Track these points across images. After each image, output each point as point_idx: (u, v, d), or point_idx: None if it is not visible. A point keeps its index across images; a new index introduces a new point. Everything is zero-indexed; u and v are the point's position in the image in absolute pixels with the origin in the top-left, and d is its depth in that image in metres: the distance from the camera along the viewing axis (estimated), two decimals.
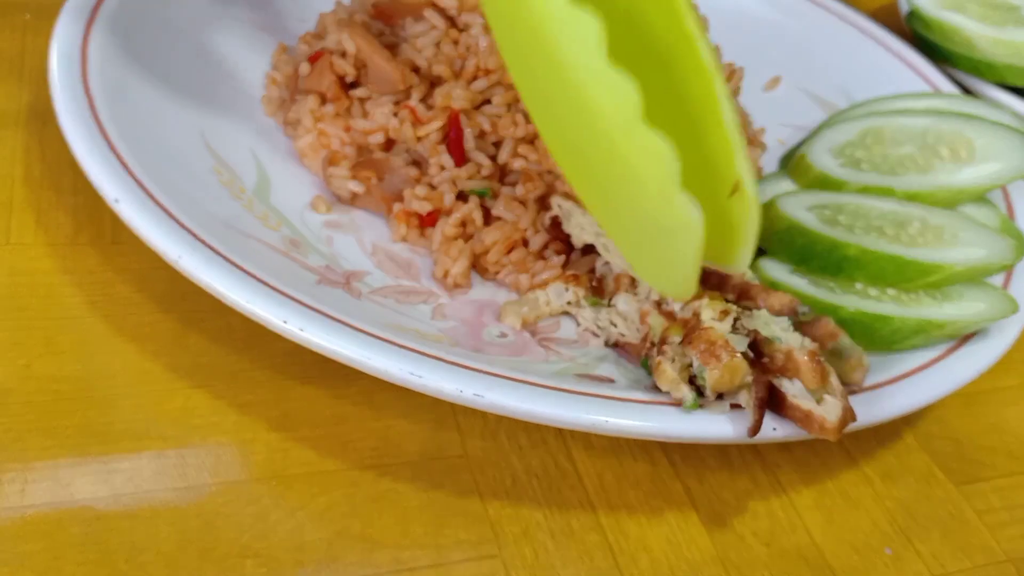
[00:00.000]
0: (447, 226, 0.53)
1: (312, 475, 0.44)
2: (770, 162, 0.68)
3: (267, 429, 0.45)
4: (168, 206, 0.45)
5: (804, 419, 0.42)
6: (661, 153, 0.34)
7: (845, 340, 0.46)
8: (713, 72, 0.38)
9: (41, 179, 0.55)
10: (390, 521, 0.43)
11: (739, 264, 0.41)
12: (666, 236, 0.38)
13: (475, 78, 0.55)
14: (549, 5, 0.33)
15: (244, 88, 0.62)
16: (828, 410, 0.42)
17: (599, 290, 0.52)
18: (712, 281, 0.48)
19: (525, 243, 0.54)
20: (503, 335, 0.50)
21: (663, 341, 0.45)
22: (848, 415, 0.42)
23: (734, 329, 0.45)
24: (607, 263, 0.52)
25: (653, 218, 0.37)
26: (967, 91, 0.77)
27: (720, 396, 0.43)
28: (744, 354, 0.43)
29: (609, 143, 0.35)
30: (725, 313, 0.45)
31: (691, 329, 0.44)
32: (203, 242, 0.44)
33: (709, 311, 0.45)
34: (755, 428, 0.42)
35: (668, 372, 0.43)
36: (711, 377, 0.42)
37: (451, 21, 0.57)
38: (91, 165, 0.46)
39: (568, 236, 0.53)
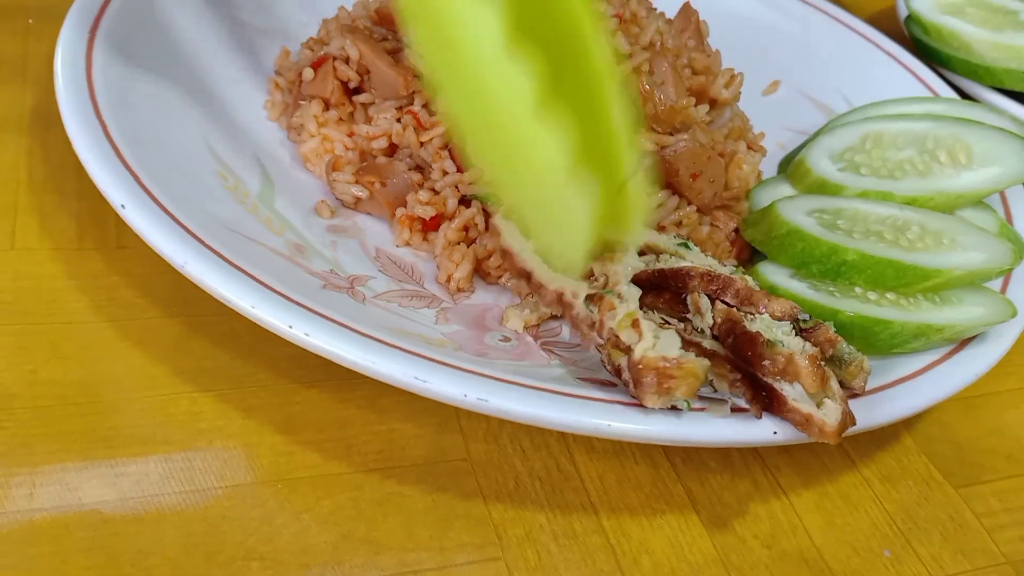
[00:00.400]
0: (450, 231, 0.54)
1: (317, 478, 0.44)
2: (769, 166, 0.68)
3: (272, 433, 0.45)
4: (173, 211, 0.46)
5: (804, 423, 0.43)
6: (554, 139, 0.35)
7: (844, 346, 0.46)
8: (606, 71, 0.38)
9: (45, 183, 0.55)
10: (395, 524, 0.43)
11: (629, 235, 0.43)
12: (561, 215, 0.39)
13: None
14: None
15: (248, 92, 0.62)
16: (828, 414, 0.42)
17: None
18: (714, 286, 0.49)
19: None
20: (506, 339, 0.50)
21: (618, 371, 0.45)
22: (848, 419, 0.42)
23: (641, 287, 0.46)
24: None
25: (547, 199, 0.38)
26: (965, 95, 0.77)
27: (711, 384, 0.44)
28: (692, 343, 0.43)
29: (509, 129, 0.36)
30: (636, 325, 0.44)
31: (632, 363, 0.43)
32: (208, 247, 0.44)
33: (626, 332, 0.44)
34: (759, 412, 0.44)
35: (650, 398, 0.43)
36: (680, 394, 0.42)
37: None
38: (97, 171, 0.46)
39: None
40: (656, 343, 0.42)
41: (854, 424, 0.43)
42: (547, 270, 0.49)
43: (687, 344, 0.45)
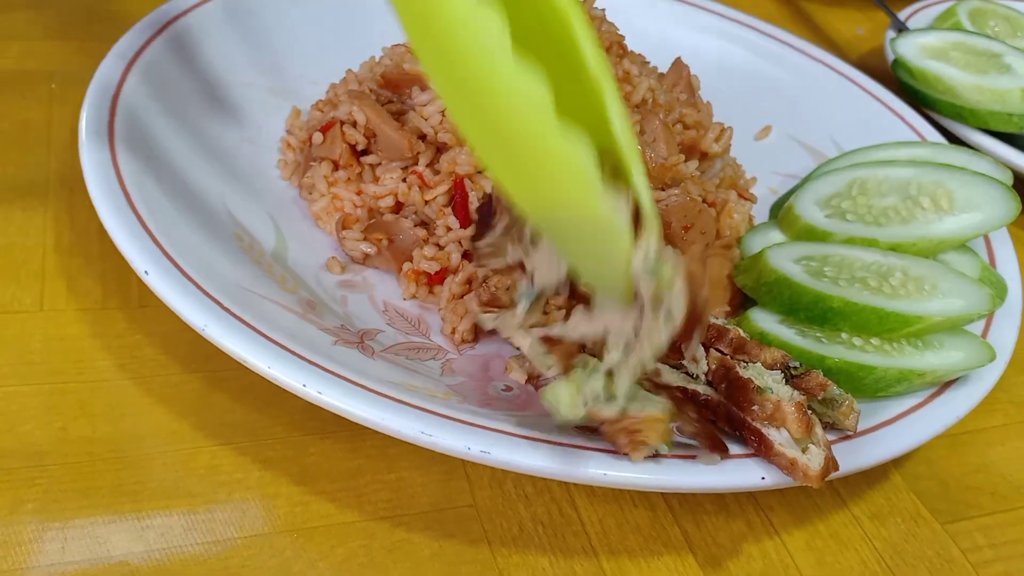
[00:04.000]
0: (454, 284, 0.57)
1: (331, 527, 0.47)
2: (761, 210, 0.71)
3: (288, 484, 0.48)
4: (193, 275, 0.48)
5: (789, 467, 0.45)
6: (577, 155, 0.34)
7: (835, 389, 0.49)
8: (602, 77, 0.36)
9: (71, 247, 0.58)
10: (404, 570, 0.45)
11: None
12: (596, 233, 0.37)
13: None
14: (455, 4, 0.32)
15: (261, 153, 0.65)
16: (812, 459, 0.45)
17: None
18: (709, 334, 0.51)
19: None
20: (508, 388, 0.53)
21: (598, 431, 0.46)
22: (831, 464, 0.45)
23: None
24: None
25: (580, 219, 0.37)
26: (952, 137, 0.80)
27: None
28: (662, 386, 0.45)
29: (526, 145, 0.35)
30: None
31: (602, 431, 0.45)
32: (227, 310, 0.47)
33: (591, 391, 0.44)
34: (723, 453, 0.46)
35: (632, 454, 0.45)
36: (654, 440, 0.44)
37: None
38: (121, 240, 0.49)
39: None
40: (612, 406, 0.44)
41: (837, 469, 0.45)
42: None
43: (656, 388, 0.47)
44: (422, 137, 0.60)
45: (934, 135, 0.76)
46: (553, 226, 0.40)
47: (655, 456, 0.45)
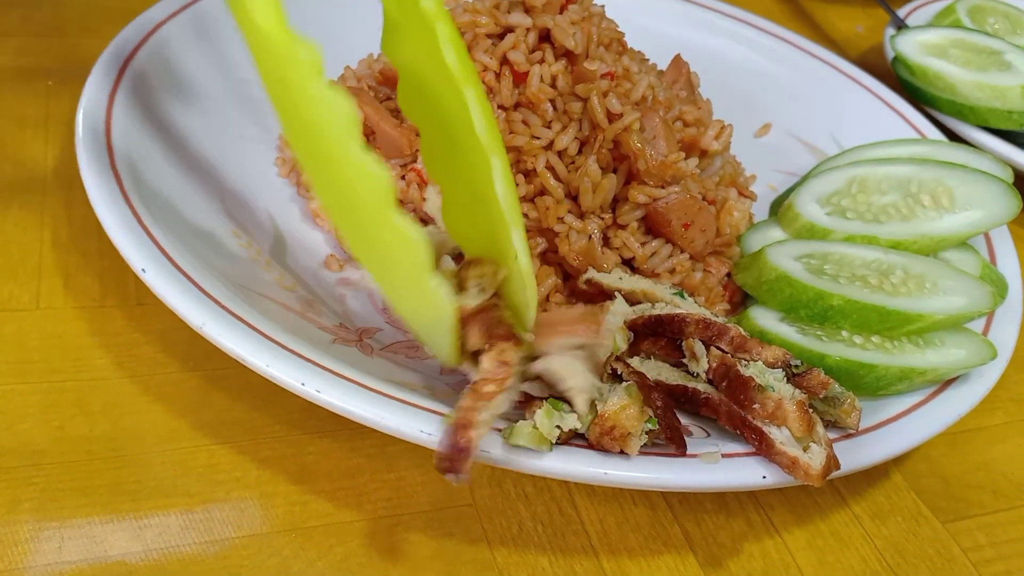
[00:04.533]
0: None
1: (330, 527, 0.46)
2: (761, 208, 0.70)
3: (287, 482, 0.48)
4: (191, 273, 0.48)
5: (790, 465, 0.45)
6: (412, 240, 0.38)
7: (836, 387, 0.49)
8: (488, 151, 0.40)
9: (68, 244, 0.58)
10: (404, 570, 0.45)
11: (522, 320, 0.44)
12: (427, 311, 0.42)
13: None
14: (308, 87, 0.36)
15: (259, 150, 0.65)
16: (813, 458, 0.45)
17: None
18: (710, 332, 0.51)
19: None
20: None
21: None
22: (832, 463, 0.45)
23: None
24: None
25: (413, 294, 0.41)
26: (952, 135, 0.80)
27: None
28: (636, 381, 0.45)
29: (371, 226, 0.39)
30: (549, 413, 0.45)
31: (589, 441, 0.45)
32: (225, 308, 0.47)
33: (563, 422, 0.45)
34: (681, 449, 0.45)
35: (628, 448, 0.45)
36: (634, 429, 0.44)
37: None
38: (119, 237, 0.49)
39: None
40: (583, 415, 0.45)
41: (838, 468, 0.45)
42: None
43: (630, 374, 0.47)
44: (419, 134, 0.59)
45: (934, 132, 0.76)
46: (393, 293, 0.44)
47: (655, 455, 0.45)
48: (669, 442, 0.45)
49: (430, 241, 0.40)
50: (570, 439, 0.45)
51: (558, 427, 0.44)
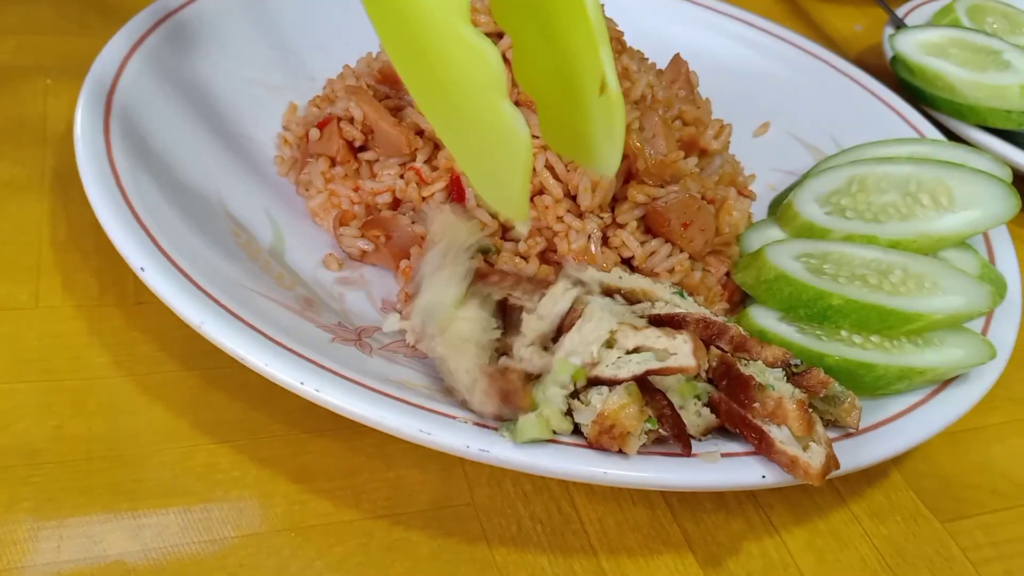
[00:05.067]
0: None
1: (329, 526, 0.46)
2: (760, 207, 0.70)
3: (286, 482, 0.48)
4: (190, 272, 0.48)
5: (790, 464, 0.45)
6: (485, 57, 0.35)
7: (836, 386, 0.49)
8: None
9: (67, 242, 0.58)
10: (403, 569, 0.45)
11: (605, 166, 0.41)
12: (496, 147, 0.38)
13: None
14: None
15: (258, 148, 0.65)
16: (813, 457, 0.45)
17: None
18: (710, 331, 0.51)
19: None
20: None
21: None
22: (831, 462, 0.45)
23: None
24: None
25: (481, 128, 0.37)
26: (951, 134, 0.80)
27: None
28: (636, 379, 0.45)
29: (437, 46, 0.36)
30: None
31: (589, 442, 0.45)
32: (223, 307, 0.47)
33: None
34: (687, 449, 0.45)
35: (626, 449, 0.45)
36: (633, 428, 0.44)
37: None
38: (117, 235, 0.49)
39: None
40: (581, 416, 0.45)
41: (838, 467, 0.45)
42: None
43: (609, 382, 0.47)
44: (420, 133, 0.59)
45: (933, 132, 0.76)
46: (456, 125, 0.39)
47: (653, 454, 0.45)
48: (675, 441, 0.45)
49: (461, 228, 0.37)
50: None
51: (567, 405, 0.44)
